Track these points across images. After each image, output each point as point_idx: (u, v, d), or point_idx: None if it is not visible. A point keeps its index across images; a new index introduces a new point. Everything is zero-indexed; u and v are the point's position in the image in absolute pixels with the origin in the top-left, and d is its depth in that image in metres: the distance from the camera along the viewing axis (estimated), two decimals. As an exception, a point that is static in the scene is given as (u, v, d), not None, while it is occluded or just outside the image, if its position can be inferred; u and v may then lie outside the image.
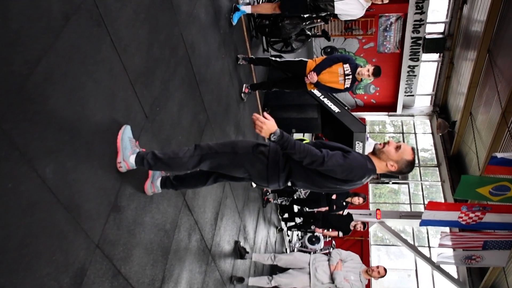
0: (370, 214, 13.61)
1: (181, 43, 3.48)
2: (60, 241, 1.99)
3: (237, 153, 2.50)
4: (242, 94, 5.39)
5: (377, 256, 15.70)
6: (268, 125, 2.26)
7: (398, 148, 2.46)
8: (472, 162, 12.02)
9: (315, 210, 7.21)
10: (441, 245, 9.52)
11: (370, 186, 15.92)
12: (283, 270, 5.48)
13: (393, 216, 14.03)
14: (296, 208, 7.89)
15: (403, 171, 2.47)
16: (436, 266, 12.09)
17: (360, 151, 6.19)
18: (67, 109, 2.03)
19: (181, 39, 3.48)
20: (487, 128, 10.58)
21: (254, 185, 5.97)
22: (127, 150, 2.49)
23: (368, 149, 7.10)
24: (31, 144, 1.80)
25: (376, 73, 4.77)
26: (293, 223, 8.67)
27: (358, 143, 6.18)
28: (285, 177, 2.52)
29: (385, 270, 4.91)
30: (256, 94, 6.17)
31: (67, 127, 2.04)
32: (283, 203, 7.26)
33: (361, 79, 4.98)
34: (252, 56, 5.45)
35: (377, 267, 4.92)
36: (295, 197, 7.04)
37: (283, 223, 8.59)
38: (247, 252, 5.22)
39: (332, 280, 4.86)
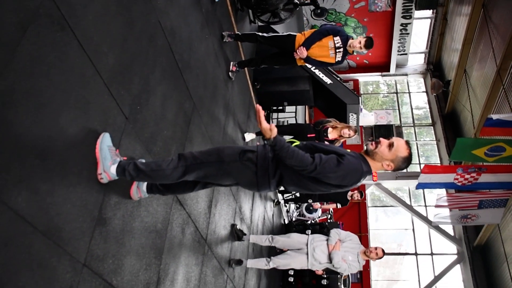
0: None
1: (159, 31, 3.25)
2: (42, 270, 1.88)
3: (224, 162, 2.36)
4: (230, 73, 5.18)
5: (374, 215, 15.86)
6: (264, 131, 2.26)
7: (391, 146, 2.32)
8: (467, 121, 11.94)
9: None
10: (437, 206, 9.61)
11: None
12: (282, 250, 5.46)
13: (389, 178, 14.06)
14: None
15: (401, 168, 2.35)
16: (433, 225, 12.24)
17: (354, 123, 6.06)
18: (35, 129, 1.86)
19: (159, 26, 3.25)
20: (482, 86, 10.42)
21: None
22: (107, 160, 2.33)
23: (363, 120, 6.97)
24: (-4, 177, 1.65)
25: (368, 45, 4.56)
26: (290, 195, 8.63)
27: (352, 115, 6.02)
28: (276, 183, 2.40)
29: (383, 252, 4.87)
30: (245, 70, 5.95)
31: (37, 149, 1.88)
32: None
33: (353, 51, 4.77)
34: (238, 33, 5.19)
35: (376, 248, 4.88)
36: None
37: (280, 196, 8.56)
38: (245, 234, 5.17)
39: (330, 260, 4.83)
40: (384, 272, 15.86)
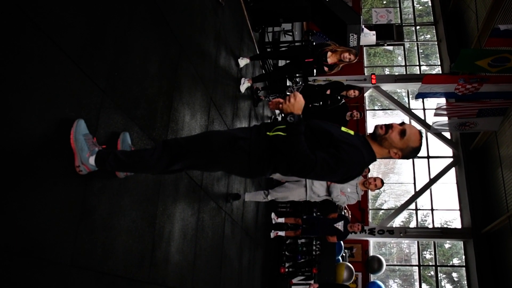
0: (365, 80, 13.31)
1: (132, -27, 2.79)
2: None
3: (213, 151, 2.14)
4: (219, -3, 4.66)
5: (372, 115, 15.77)
6: (299, 105, 1.97)
7: (402, 133, 2.10)
8: (470, 21, 11.32)
9: (309, 105, 6.90)
10: (436, 115, 9.53)
11: (365, 49, 15.31)
12: (279, 182, 5.44)
13: (388, 80, 13.77)
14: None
15: (408, 157, 2.16)
16: (432, 132, 12.23)
17: (355, 44, 5.63)
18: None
19: (132, -33, 2.78)
20: (490, -15, 9.70)
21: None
22: (84, 151, 2.11)
23: (364, 40, 6.48)
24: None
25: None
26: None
27: (353, 35, 5.57)
28: (271, 172, 2.20)
29: (382, 182, 4.85)
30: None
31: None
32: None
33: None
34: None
35: (374, 179, 4.85)
36: (287, 94, 6.67)
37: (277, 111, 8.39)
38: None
39: (329, 193, 4.83)
40: (380, 168, 16.31)
